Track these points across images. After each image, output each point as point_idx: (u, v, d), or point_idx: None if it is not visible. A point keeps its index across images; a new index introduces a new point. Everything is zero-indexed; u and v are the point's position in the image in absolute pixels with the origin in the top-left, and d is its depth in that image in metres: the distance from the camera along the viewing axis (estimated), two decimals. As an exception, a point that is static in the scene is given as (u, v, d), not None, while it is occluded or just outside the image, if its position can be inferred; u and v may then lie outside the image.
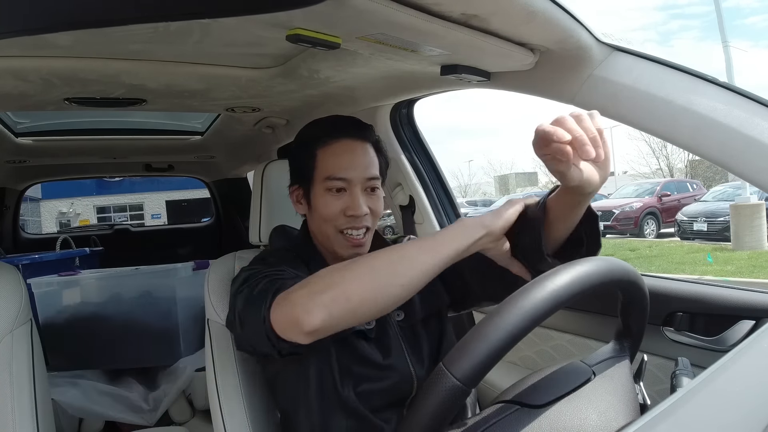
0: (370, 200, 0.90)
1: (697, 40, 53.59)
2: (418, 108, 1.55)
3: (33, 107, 1.33)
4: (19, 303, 1.00)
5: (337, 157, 0.89)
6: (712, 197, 10.31)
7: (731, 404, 0.47)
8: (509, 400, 0.62)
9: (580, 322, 1.19)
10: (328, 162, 0.89)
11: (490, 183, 29.30)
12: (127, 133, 2.09)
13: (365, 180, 0.90)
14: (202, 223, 3.86)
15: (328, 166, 0.89)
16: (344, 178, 0.88)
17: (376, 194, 0.92)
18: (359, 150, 0.91)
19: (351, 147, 0.90)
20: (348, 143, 0.90)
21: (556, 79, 0.92)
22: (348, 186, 0.89)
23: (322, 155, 0.90)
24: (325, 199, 0.89)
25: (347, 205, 0.88)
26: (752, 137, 0.71)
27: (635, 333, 0.73)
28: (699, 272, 6.57)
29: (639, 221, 11.11)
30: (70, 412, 1.73)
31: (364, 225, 0.90)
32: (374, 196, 0.92)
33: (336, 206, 0.89)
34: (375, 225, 0.93)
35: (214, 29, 0.86)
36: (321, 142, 0.90)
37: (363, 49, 0.81)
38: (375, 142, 0.94)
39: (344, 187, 0.89)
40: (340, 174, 0.88)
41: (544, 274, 0.58)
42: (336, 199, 0.89)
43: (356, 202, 0.88)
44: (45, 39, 0.87)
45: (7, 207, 2.89)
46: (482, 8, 0.71)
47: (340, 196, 0.89)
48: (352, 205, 0.88)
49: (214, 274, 1.09)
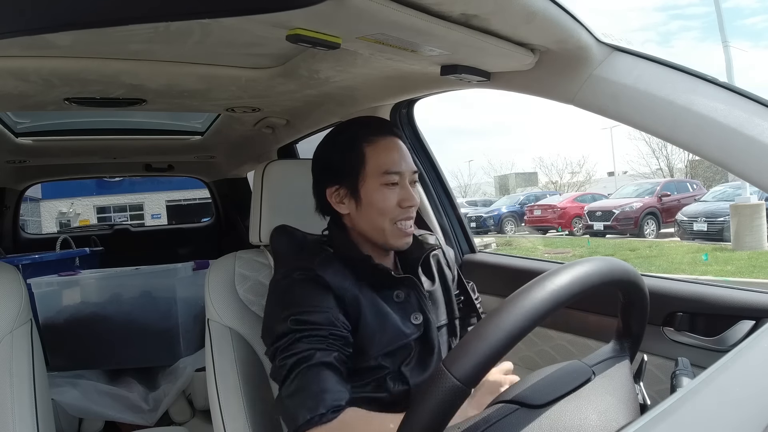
0: (414, 192, 0.96)
1: (698, 41, 53.60)
2: (418, 108, 1.55)
3: (33, 107, 1.33)
4: (19, 303, 1.00)
5: (389, 152, 0.94)
6: (712, 197, 10.30)
7: (731, 404, 0.47)
8: (509, 400, 0.62)
9: (580, 322, 1.19)
10: (381, 157, 0.93)
11: (490, 183, 29.28)
12: (127, 133, 2.09)
13: (412, 173, 0.96)
14: (202, 223, 3.86)
15: (381, 162, 0.93)
16: (399, 172, 0.93)
17: (417, 187, 0.99)
18: (402, 146, 0.96)
19: (396, 143, 0.95)
20: (392, 140, 0.95)
21: (556, 79, 0.92)
22: (400, 179, 0.94)
23: (372, 152, 0.93)
24: (382, 193, 0.93)
25: (402, 197, 0.93)
26: (752, 137, 0.71)
27: (635, 333, 0.73)
28: (699, 272, 6.57)
29: (639, 221, 11.11)
30: (70, 412, 1.73)
31: (412, 216, 0.95)
32: (415, 189, 0.97)
33: (393, 199, 0.93)
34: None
35: (214, 29, 0.86)
36: (366, 140, 0.94)
37: (363, 49, 0.81)
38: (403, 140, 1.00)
39: (397, 181, 0.93)
40: (395, 168, 0.93)
41: (545, 274, 0.58)
42: (392, 192, 0.93)
43: (410, 193, 0.94)
44: (45, 39, 0.87)
45: (7, 207, 2.89)
46: (482, 8, 0.71)
47: (394, 189, 0.93)
48: (408, 197, 0.93)
49: (214, 274, 1.09)
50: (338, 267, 0.92)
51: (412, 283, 0.96)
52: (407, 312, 0.94)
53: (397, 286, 0.94)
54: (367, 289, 0.92)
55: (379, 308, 0.91)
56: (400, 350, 0.91)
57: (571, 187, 22.29)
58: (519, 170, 29.46)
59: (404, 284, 0.95)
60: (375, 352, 0.89)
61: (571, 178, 23.53)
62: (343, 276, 0.90)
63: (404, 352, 0.91)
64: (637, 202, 11.48)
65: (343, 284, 0.89)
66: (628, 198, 11.94)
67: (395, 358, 0.91)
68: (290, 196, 1.14)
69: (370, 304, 0.90)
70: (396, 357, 0.91)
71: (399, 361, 0.91)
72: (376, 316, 0.90)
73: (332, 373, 0.79)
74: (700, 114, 0.75)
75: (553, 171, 24.40)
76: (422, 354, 0.93)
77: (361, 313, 0.89)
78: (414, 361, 0.92)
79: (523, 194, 18.08)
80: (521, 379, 0.68)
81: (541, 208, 14.06)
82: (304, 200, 1.05)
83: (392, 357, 0.90)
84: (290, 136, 1.85)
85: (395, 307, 0.93)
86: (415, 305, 0.95)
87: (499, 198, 20.20)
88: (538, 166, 26.27)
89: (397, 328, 0.91)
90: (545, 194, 17.46)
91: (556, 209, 13.40)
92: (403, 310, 0.93)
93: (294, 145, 2.19)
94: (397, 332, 0.90)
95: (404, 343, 0.91)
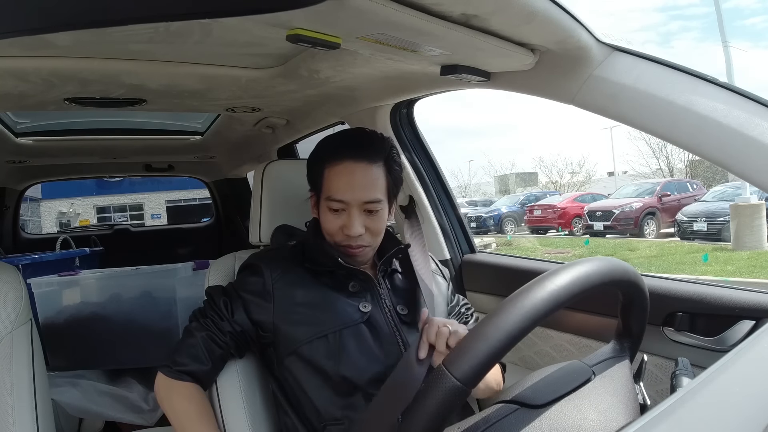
0: (368, 220, 0.95)
1: (698, 41, 53.61)
2: (418, 108, 1.55)
3: (33, 107, 1.33)
4: (19, 303, 1.00)
5: (338, 180, 0.94)
6: (712, 197, 10.31)
7: (731, 404, 0.47)
8: (509, 400, 0.62)
9: (580, 322, 1.19)
10: (331, 182, 0.94)
11: (490, 183, 29.29)
12: (127, 133, 2.09)
13: (362, 203, 0.93)
14: (202, 223, 3.86)
15: (330, 187, 0.94)
16: (341, 200, 0.93)
17: (377, 215, 0.95)
18: (359, 173, 0.94)
19: (351, 169, 0.93)
20: (349, 165, 0.93)
21: (556, 79, 0.92)
22: (346, 207, 0.93)
23: (327, 174, 0.95)
24: (326, 216, 0.96)
25: (344, 224, 0.94)
26: (752, 137, 0.71)
27: (635, 333, 0.73)
28: (699, 272, 6.57)
29: (639, 221, 11.12)
30: (70, 412, 1.73)
31: (359, 244, 0.95)
32: (374, 216, 0.95)
33: (335, 224, 0.95)
34: (375, 242, 0.98)
35: (214, 29, 0.86)
36: (327, 162, 0.95)
37: (363, 49, 0.81)
38: (386, 160, 0.96)
39: (343, 207, 0.94)
40: (338, 196, 0.93)
41: (545, 274, 0.58)
42: (335, 217, 0.95)
43: (351, 222, 0.93)
44: (45, 39, 0.87)
45: (7, 207, 2.89)
46: (482, 8, 0.71)
47: (339, 215, 0.94)
48: (348, 225, 0.93)
49: (214, 275, 1.09)
50: (289, 257, 0.99)
51: (366, 276, 0.98)
52: (358, 300, 0.96)
53: (351, 277, 0.97)
54: (318, 277, 0.97)
55: (323, 295, 0.95)
56: (335, 334, 0.92)
57: (571, 187, 22.30)
58: (519, 170, 29.47)
59: (358, 276, 0.97)
60: (304, 337, 0.92)
61: (571, 178, 23.55)
62: (289, 266, 0.98)
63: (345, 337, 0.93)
64: (637, 202, 11.48)
65: (282, 276, 0.96)
66: (628, 198, 11.94)
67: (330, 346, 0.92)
68: (290, 196, 1.15)
69: (313, 291, 0.96)
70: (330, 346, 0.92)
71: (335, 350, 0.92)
72: (315, 300, 0.95)
73: (188, 346, 0.95)
74: (700, 114, 0.75)
75: (553, 171, 24.43)
76: (373, 338, 0.94)
77: (292, 301, 0.94)
78: (362, 348, 0.93)
79: (523, 194, 18.09)
80: (521, 379, 0.68)
81: (541, 208, 14.06)
82: (304, 200, 1.05)
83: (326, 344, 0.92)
84: (290, 136, 1.85)
85: (347, 294, 0.96)
86: (368, 297, 0.97)
87: (499, 198, 20.19)
88: (538, 166, 26.30)
89: (338, 312, 0.94)
90: (545, 194, 17.46)
91: (556, 209, 13.40)
92: (355, 298, 0.96)
93: (294, 145, 2.19)
94: (335, 317, 0.93)
95: (341, 327, 0.93)
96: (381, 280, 1.01)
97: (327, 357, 0.91)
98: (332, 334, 0.92)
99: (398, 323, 0.97)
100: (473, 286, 1.51)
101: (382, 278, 1.01)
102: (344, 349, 0.91)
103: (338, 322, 0.93)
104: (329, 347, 0.92)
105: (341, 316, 0.94)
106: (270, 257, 1.00)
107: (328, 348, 0.92)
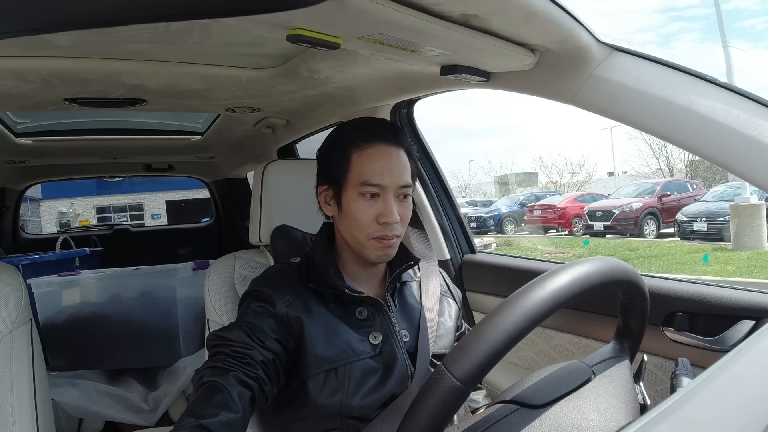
0: (401, 207, 0.89)
1: (697, 42, 53.60)
2: (418, 108, 1.55)
3: (33, 107, 1.33)
4: (19, 303, 1.00)
5: (373, 162, 0.87)
6: (712, 197, 10.31)
7: (731, 404, 0.47)
8: (509, 400, 0.62)
9: (580, 322, 1.19)
10: (364, 166, 0.87)
11: (490, 183, 29.27)
12: (127, 133, 2.09)
13: (399, 187, 0.88)
14: (202, 223, 3.86)
15: (364, 171, 0.87)
16: (379, 184, 0.87)
17: (408, 201, 0.91)
18: (394, 155, 0.89)
19: (386, 152, 0.88)
20: (383, 148, 0.88)
21: (556, 79, 0.92)
22: (382, 192, 0.87)
23: (357, 159, 0.88)
24: (358, 204, 0.88)
25: (380, 212, 0.87)
26: (752, 137, 0.71)
27: (635, 333, 0.73)
28: (699, 272, 6.57)
29: (639, 221, 11.11)
30: (70, 412, 1.74)
31: (394, 234, 0.88)
32: (405, 203, 0.90)
33: (369, 212, 0.87)
34: (403, 232, 0.92)
35: (214, 29, 0.86)
36: (355, 146, 0.88)
37: (363, 49, 0.81)
38: (408, 147, 0.92)
39: (378, 192, 0.87)
40: (375, 180, 0.86)
41: (545, 274, 0.58)
42: (369, 205, 0.87)
43: (389, 208, 0.87)
44: (45, 39, 0.87)
45: (7, 207, 2.89)
46: (482, 8, 0.71)
47: (373, 202, 0.87)
48: (385, 212, 0.86)
49: (214, 275, 1.09)
50: (296, 279, 0.90)
51: (374, 300, 0.90)
52: (367, 331, 0.88)
53: (360, 303, 0.89)
54: (325, 303, 0.89)
55: (331, 325, 0.87)
56: (345, 368, 0.85)
57: (571, 187, 22.29)
58: (519, 170, 29.45)
59: (367, 302, 0.90)
60: (315, 368, 0.84)
61: (571, 178, 23.53)
62: (298, 290, 0.88)
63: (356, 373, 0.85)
64: (637, 202, 11.48)
65: (294, 300, 0.87)
66: (628, 198, 11.94)
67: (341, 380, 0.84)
68: (290, 196, 1.14)
69: (321, 319, 0.87)
70: (342, 379, 0.84)
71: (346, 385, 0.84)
72: (323, 330, 0.86)
73: (213, 394, 0.77)
74: (700, 114, 0.75)
75: (553, 171, 24.41)
76: (384, 375, 0.87)
77: (304, 329, 0.85)
78: (372, 383, 0.86)
79: (523, 194, 18.07)
80: (521, 379, 0.68)
81: (541, 208, 14.05)
82: (304, 200, 1.05)
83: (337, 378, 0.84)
84: (290, 136, 1.85)
85: (356, 324, 0.88)
86: (378, 324, 0.89)
87: (499, 198, 20.19)
88: (538, 166, 26.28)
89: (348, 345, 0.86)
90: (545, 194, 17.46)
91: (556, 209, 13.40)
92: (364, 329, 0.88)
93: (294, 145, 2.19)
94: (345, 350, 0.85)
95: (350, 361, 0.85)
96: (390, 300, 0.93)
97: (333, 392, 0.84)
98: (342, 368, 0.85)
99: (407, 351, 0.91)
100: (473, 286, 1.51)
101: (390, 297, 0.94)
102: (351, 383, 0.84)
103: (347, 355, 0.85)
104: (336, 381, 0.84)
105: (351, 348, 0.86)
106: (276, 281, 0.91)
107: (336, 382, 0.84)
